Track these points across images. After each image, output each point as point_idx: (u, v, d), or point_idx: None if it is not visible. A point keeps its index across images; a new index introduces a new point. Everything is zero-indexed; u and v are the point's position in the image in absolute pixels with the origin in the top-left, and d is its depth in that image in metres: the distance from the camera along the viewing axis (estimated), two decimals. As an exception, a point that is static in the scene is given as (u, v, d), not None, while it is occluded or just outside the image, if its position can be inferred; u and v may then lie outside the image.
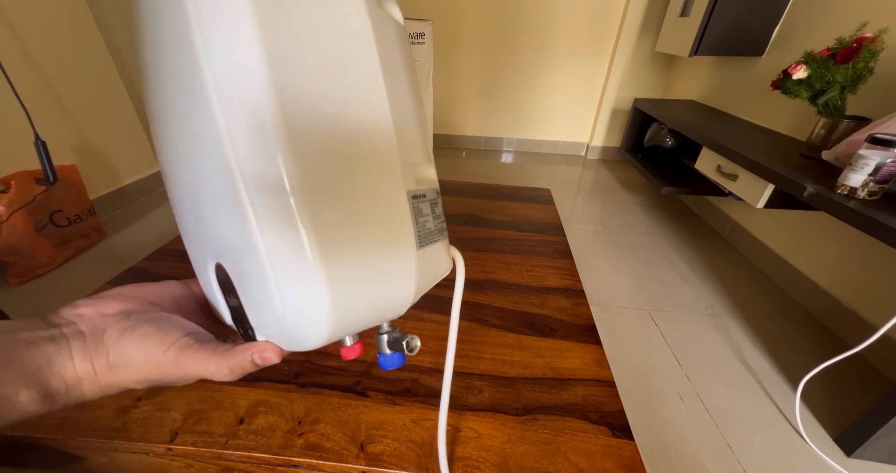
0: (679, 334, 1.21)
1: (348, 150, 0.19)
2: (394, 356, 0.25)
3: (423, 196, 0.23)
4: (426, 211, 0.23)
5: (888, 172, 0.81)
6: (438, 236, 0.24)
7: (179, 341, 0.21)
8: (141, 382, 0.21)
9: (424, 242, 0.22)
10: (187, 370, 0.21)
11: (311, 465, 0.31)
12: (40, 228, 1.34)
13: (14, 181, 1.26)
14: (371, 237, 0.20)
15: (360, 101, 0.19)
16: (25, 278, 1.32)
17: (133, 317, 0.22)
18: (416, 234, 0.22)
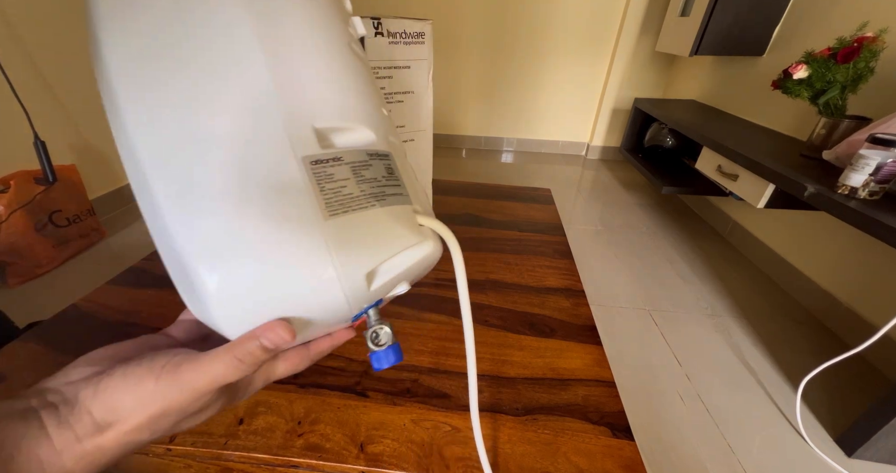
0: (679, 334, 1.21)
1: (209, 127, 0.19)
2: (381, 353, 0.24)
3: (338, 159, 0.20)
4: (341, 176, 0.20)
5: (889, 171, 0.81)
6: (372, 201, 0.21)
7: (170, 362, 0.19)
8: (142, 429, 0.18)
9: (339, 209, 0.20)
10: (194, 386, 0.18)
11: (310, 465, 0.31)
12: (40, 228, 1.34)
13: (13, 181, 1.26)
14: (247, 211, 0.18)
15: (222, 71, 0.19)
16: (25, 278, 1.32)
17: (105, 372, 0.19)
18: (323, 201, 0.19)
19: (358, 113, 0.23)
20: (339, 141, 0.21)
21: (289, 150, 0.19)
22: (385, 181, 0.22)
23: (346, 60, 0.23)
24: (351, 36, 0.24)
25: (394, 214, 0.21)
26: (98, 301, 0.47)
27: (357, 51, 0.25)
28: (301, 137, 0.20)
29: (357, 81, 0.23)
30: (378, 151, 0.22)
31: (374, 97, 0.25)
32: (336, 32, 0.23)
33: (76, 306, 0.46)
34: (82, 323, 0.44)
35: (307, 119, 0.20)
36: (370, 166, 0.21)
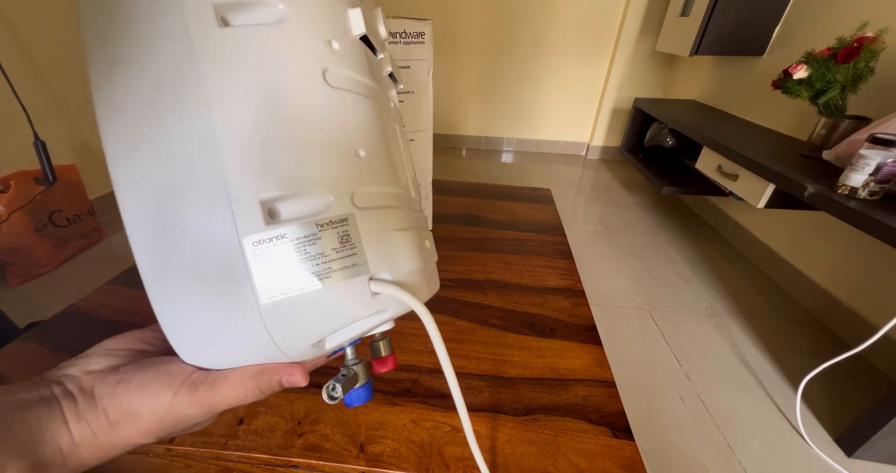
0: (679, 334, 1.21)
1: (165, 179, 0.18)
2: (354, 392, 0.24)
3: (281, 237, 0.18)
4: (283, 255, 0.19)
5: (889, 171, 0.81)
6: (314, 280, 0.19)
7: (189, 378, 0.19)
8: (152, 433, 0.19)
9: (276, 294, 0.19)
10: (210, 405, 0.19)
11: (310, 465, 0.31)
12: (39, 228, 1.34)
13: (13, 181, 1.26)
14: (191, 290, 0.19)
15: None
16: (25, 278, 1.32)
17: (122, 370, 0.20)
18: (259, 285, 0.19)
19: (316, 170, 0.20)
20: (289, 211, 0.19)
21: (232, 227, 0.18)
22: (335, 254, 0.20)
23: (309, 101, 0.20)
24: (332, 57, 0.21)
25: (339, 289, 0.20)
26: (98, 301, 0.47)
27: (337, 77, 0.21)
28: (250, 208, 0.18)
29: (322, 125, 0.20)
30: (332, 220, 0.20)
31: (350, 138, 0.21)
32: (301, 62, 0.20)
33: (76, 306, 0.46)
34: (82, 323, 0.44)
35: (253, 189, 0.18)
36: (318, 240, 0.19)
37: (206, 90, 0.18)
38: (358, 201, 0.21)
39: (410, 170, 0.30)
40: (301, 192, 0.19)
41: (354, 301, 0.21)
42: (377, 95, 0.24)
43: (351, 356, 0.25)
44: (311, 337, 0.21)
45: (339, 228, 0.20)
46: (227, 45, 0.18)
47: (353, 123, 0.22)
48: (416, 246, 0.24)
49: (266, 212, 0.18)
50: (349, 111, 0.21)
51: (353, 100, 0.22)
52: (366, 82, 0.23)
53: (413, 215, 0.26)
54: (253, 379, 0.20)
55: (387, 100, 0.27)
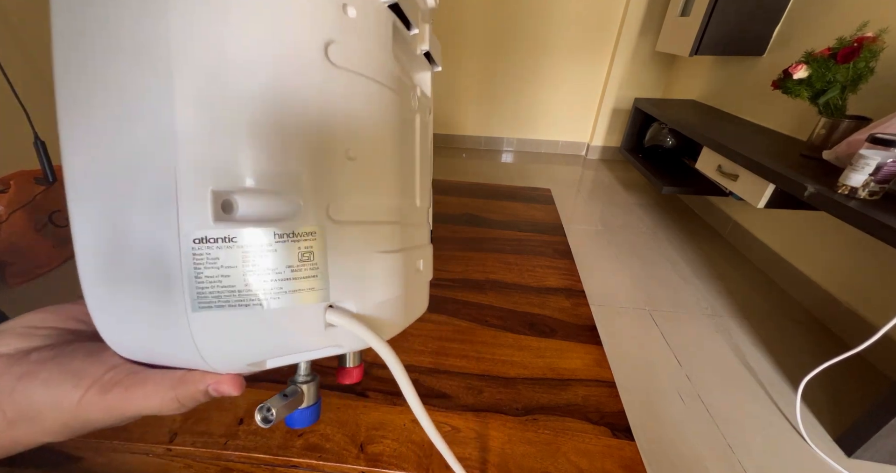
0: (679, 334, 1.21)
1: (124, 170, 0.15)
2: (297, 413, 0.21)
3: (230, 240, 0.16)
4: (227, 262, 0.16)
5: (889, 171, 0.81)
6: (256, 298, 0.16)
7: (102, 379, 0.17)
8: (57, 434, 0.17)
9: (213, 302, 0.16)
10: (121, 412, 0.17)
11: (310, 466, 0.31)
12: (40, 227, 1.34)
13: (13, 181, 1.26)
14: (126, 281, 0.16)
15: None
16: (25, 278, 1.32)
17: (34, 356, 0.17)
18: (194, 289, 0.16)
19: (288, 167, 0.16)
20: (247, 209, 0.16)
21: (174, 220, 0.15)
22: (289, 272, 0.16)
23: (297, 79, 0.16)
24: (342, 26, 0.17)
25: (286, 315, 0.17)
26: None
27: (344, 54, 0.17)
28: (194, 200, 0.15)
29: (307, 112, 0.16)
30: (295, 232, 0.16)
31: (341, 134, 0.17)
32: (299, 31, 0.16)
33: (76, 306, 0.46)
34: (82, 323, 0.44)
35: (206, 175, 0.15)
36: (273, 252, 0.16)
37: (170, 47, 0.14)
38: (335, 212, 0.17)
39: (427, 174, 0.26)
40: (265, 189, 0.16)
41: (302, 331, 0.18)
42: (396, 81, 0.20)
43: (304, 371, 0.22)
44: (245, 358, 0.18)
45: (302, 242, 0.17)
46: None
47: (350, 116, 0.18)
48: (400, 272, 0.21)
49: (219, 205, 0.15)
50: (348, 100, 0.17)
51: (359, 86, 0.18)
52: (383, 65, 0.19)
53: (410, 233, 0.23)
54: (172, 390, 0.17)
55: (410, 87, 0.22)
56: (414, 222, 0.24)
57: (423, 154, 0.25)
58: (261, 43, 0.15)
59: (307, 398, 0.22)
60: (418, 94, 0.24)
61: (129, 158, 0.15)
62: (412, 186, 0.23)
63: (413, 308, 0.23)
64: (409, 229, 0.22)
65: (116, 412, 0.17)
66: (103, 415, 0.17)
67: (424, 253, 0.26)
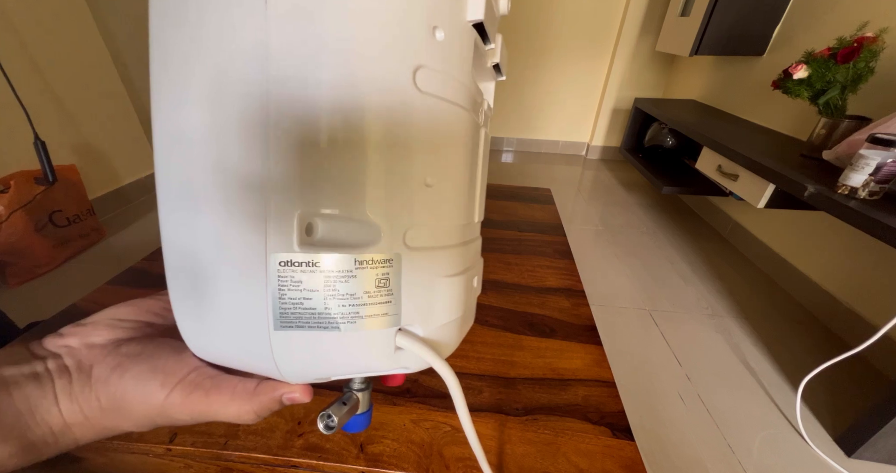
0: (679, 334, 1.21)
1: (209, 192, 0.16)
2: (353, 420, 0.22)
3: (313, 265, 0.16)
4: (309, 285, 0.16)
5: (889, 171, 0.81)
6: (335, 321, 0.17)
7: (185, 379, 0.18)
8: (142, 426, 0.18)
9: (294, 322, 0.17)
10: (202, 413, 0.18)
11: (310, 466, 0.31)
12: (40, 228, 1.34)
13: (13, 181, 1.26)
14: (220, 292, 0.17)
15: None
16: (25, 278, 1.32)
17: (124, 349, 0.19)
18: (277, 309, 0.16)
19: (372, 195, 0.16)
20: (329, 234, 0.16)
21: (262, 242, 0.16)
22: (367, 298, 0.17)
23: (383, 109, 0.16)
24: (431, 50, 0.16)
25: (360, 338, 0.18)
26: (98, 301, 0.47)
27: (431, 79, 0.16)
28: (286, 222, 0.16)
29: (392, 142, 0.16)
30: (374, 259, 0.17)
31: (422, 162, 0.17)
32: (382, 72, 0.15)
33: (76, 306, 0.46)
34: (82, 323, 0.44)
35: (295, 200, 0.16)
36: (353, 278, 0.16)
37: (270, 75, 0.14)
38: (411, 239, 0.17)
39: (483, 185, 0.26)
40: (349, 216, 0.16)
41: (374, 354, 0.19)
42: (472, 101, 0.19)
43: (359, 379, 0.22)
44: (317, 373, 0.19)
45: (381, 269, 0.17)
46: (300, 17, 0.14)
47: (431, 143, 0.17)
48: (462, 294, 0.21)
49: (303, 229, 0.16)
50: (431, 126, 0.17)
51: (441, 111, 0.17)
52: (463, 86, 0.18)
53: (470, 253, 0.23)
54: (249, 401, 0.18)
55: (480, 103, 0.21)
56: (471, 239, 0.23)
57: (483, 167, 0.25)
58: (351, 67, 0.15)
59: (362, 404, 0.22)
60: (485, 108, 0.23)
61: (222, 174, 0.16)
62: (474, 203, 0.23)
63: (466, 325, 0.24)
64: (469, 249, 0.22)
65: (197, 412, 0.18)
66: (184, 415, 0.18)
67: (479, 268, 0.25)
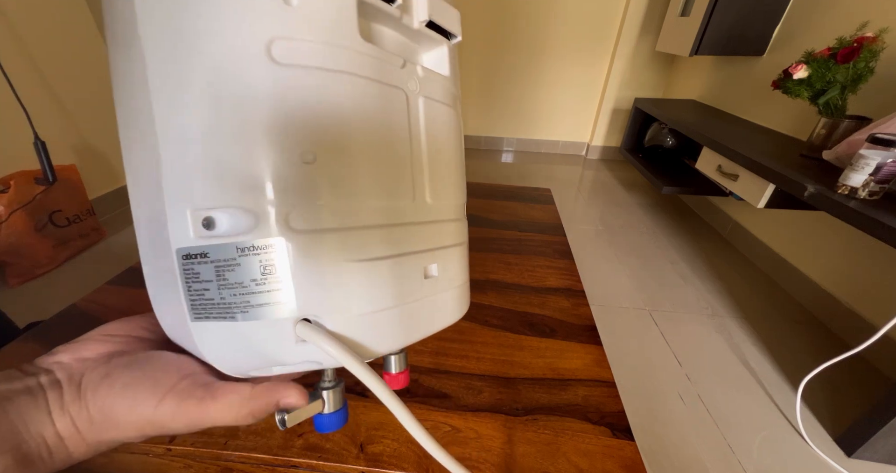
0: (679, 334, 1.21)
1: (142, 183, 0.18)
2: (325, 418, 0.21)
3: (204, 256, 0.16)
4: (205, 276, 0.16)
5: (889, 171, 0.81)
6: (232, 311, 0.17)
7: (176, 387, 0.18)
8: (133, 437, 0.18)
9: (203, 313, 0.17)
10: (195, 421, 0.18)
11: (310, 466, 0.31)
12: (40, 228, 1.34)
13: (13, 181, 1.26)
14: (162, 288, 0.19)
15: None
16: (25, 278, 1.32)
17: (114, 361, 0.18)
18: (189, 302, 0.17)
19: (243, 181, 0.16)
20: (222, 225, 0.16)
21: (168, 237, 0.17)
22: (254, 286, 0.16)
23: (242, 88, 0.15)
24: (283, 20, 0.15)
25: (253, 329, 0.17)
26: (98, 301, 0.47)
27: (291, 50, 0.16)
28: (179, 219, 0.16)
29: (253, 119, 0.16)
30: (254, 245, 0.16)
31: (292, 137, 0.16)
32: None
33: (76, 306, 0.46)
34: (82, 323, 0.44)
35: (187, 194, 0.16)
36: (237, 266, 0.16)
37: (148, 75, 0.15)
38: (297, 222, 0.16)
39: (449, 165, 0.23)
40: (228, 204, 0.16)
41: (272, 346, 0.18)
42: (368, 66, 0.18)
43: (328, 376, 0.21)
44: (240, 366, 0.19)
45: (262, 255, 0.16)
46: (165, 14, 0.15)
47: (303, 117, 0.16)
48: (389, 282, 0.19)
49: (200, 222, 0.16)
50: (301, 99, 0.16)
51: (313, 80, 0.16)
52: (344, 52, 0.17)
53: (410, 236, 0.20)
54: (246, 405, 0.18)
55: (396, 68, 0.19)
56: (419, 222, 0.21)
57: (434, 142, 0.22)
58: (202, 47, 0.15)
59: (329, 403, 0.21)
60: (419, 73, 0.21)
61: (147, 179, 0.17)
62: (407, 181, 0.20)
63: (424, 319, 0.22)
64: (409, 232, 0.20)
65: (191, 419, 0.17)
66: (177, 424, 0.17)
67: (444, 256, 0.23)
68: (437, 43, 0.23)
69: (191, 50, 0.15)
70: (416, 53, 0.23)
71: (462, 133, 0.26)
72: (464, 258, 0.25)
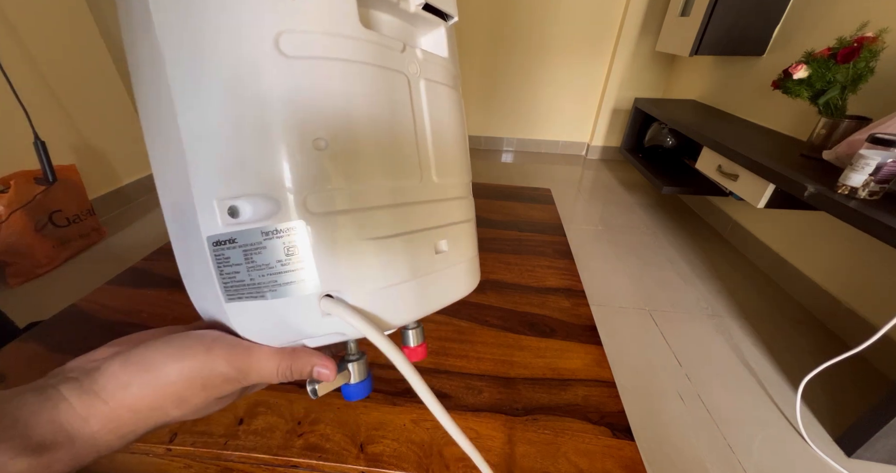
0: (679, 334, 1.21)
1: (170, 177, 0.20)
2: (353, 387, 0.23)
3: (232, 242, 0.18)
4: (235, 260, 0.18)
5: (889, 171, 0.81)
6: (262, 290, 0.18)
7: (220, 338, 0.19)
8: (177, 398, 0.18)
9: (235, 294, 0.19)
10: (244, 369, 0.19)
11: (310, 466, 0.31)
12: (40, 228, 1.34)
13: (13, 181, 1.26)
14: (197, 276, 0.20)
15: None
16: (25, 278, 1.32)
17: (143, 344, 0.19)
18: (222, 285, 0.19)
19: (261, 168, 0.17)
20: (246, 212, 0.18)
21: (198, 225, 0.18)
22: (280, 267, 0.18)
23: (254, 83, 0.16)
24: (287, 14, 0.16)
25: (282, 305, 0.18)
26: (98, 301, 0.47)
27: (298, 43, 0.16)
28: (207, 210, 0.18)
29: (266, 110, 0.17)
30: (277, 229, 0.17)
31: (304, 125, 0.17)
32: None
33: (76, 306, 0.46)
34: (82, 323, 0.44)
35: (213, 186, 0.18)
36: (263, 249, 0.18)
37: (168, 76, 0.17)
38: (314, 205, 0.18)
39: (454, 144, 0.24)
40: (250, 192, 0.17)
41: (301, 320, 0.19)
42: (371, 53, 0.19)
43: (352, 349, 0.23)
44: (273, 339, 0.20)
45: (285, 237, 0.18)
46: (177, 20, 0.16)
47: (314, 106, 0.17)
48: (402, 257, 0.20)
49: (226, 211, 0.18)
50: (311, 89, 0.17)
51: (321, 71, 0.17)
52: (347, 40, 0.18)
53: (419, 213, 0.21)
54: (286, 359, 0.20)
55: (396, 53, 0.20)
56: (429, 200, 0.22)
57: (437, 123, 0.22)
58: (216, 46, 0.16)
59: (355, 374, 0.23)
60: (419, 56, 0.21)
61: (174, 173, 0.19)
62: (413, 162, 0.21)
63: (437, 292, 0.23)
64: (418, 210, 0.21)
65: (240, 365, 0.19)
66: (229, 368, 0.18)
67: (453, 232, 0.24)
68: (435, 25, 0.23)
69: (205, 50, 0.16)
70: (415, 37, 0.24)
71: (464, 113, 0.26)
72: (472, 234, 0.26)
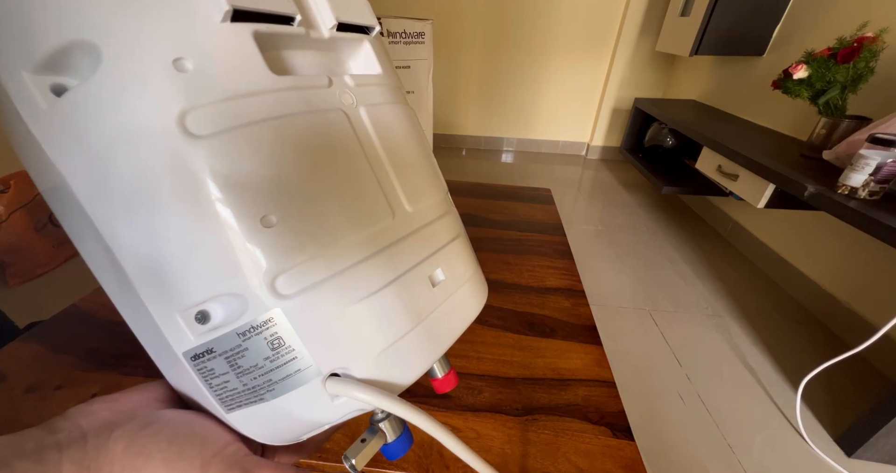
0: (679, 334, 1.21)
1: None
2: (393, 445, 0.21)
3: (211, 352, 0.16)
4: (220, 370, 0.16)
5: (889, 171, 0.81)
6: (259, 394, 0.16)
7: (223, 452, 0.16)
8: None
9: (233, 404, 0.17)
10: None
11: (310, 465, 0.31)
12: (39, 228, 1.34)
13: (13, 181, 1.26)
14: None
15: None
16: (25, 278, 1.32)
17: (150, 427, 0.17)
18: (216, 397, 0.17)
19: (214, 269, 0.15)
20: (217, 314, 0.16)
21: (168, 343, 0.16)
22: (270, 364, 0.16)
23: (169, 175, 0.14)
24: (188, 88, 0.14)
25: (287, 402, 0.17)
26: (98, 301, 0.47)
27: (206, 118, 0.14)
28: (171, 325, 0.16)
29: (193, 201, 0.14)
30: (252, 326, 0.15)
31: (245, 205, 0.15)
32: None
33: (76, 306, 0.46)
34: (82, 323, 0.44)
35: (167, 300, 0.16)
36: (246, 351, 0.16)
37: (78, 197, 0.15)
38: (284, 286, 0.15)
39: (415, 163, 0.22)
40: (212, 295, 0.15)
41: (312, 410, 0.17)
42: (294, 102, 0.16)
43: (379, 410, 0.21)
44: (288, 437, 0.19)
45: (264, 332, 0.16)
46: (58, 127, 0.14)
47: (245, 182, 0.15)
48: (397, 307, 0.18)
49: (193, 319, 0.16)
50: (235, 163, 0.15)
51: (241, 139, 0.15)
52: (262, 96, 0.15)
53: (403, 251, 0.19)
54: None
55: (320, 89, 0.18)
56: (409, 233, 0.20)
57: (393, 148, 0.20)
58: (116, 147, 0.14)
59: (389, 433, 0.21)
60: (349, 84, 0.19)
61: (122, 290, 0.18)
62: (381, 201, 0.19)
63: (447, 327, 0.21)
64: (401, 248, 0.19)
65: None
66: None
67: (445, 255, 0.22)
68: (357, 42, 0.21)
69: (105, 156, 0.14)
70: (341, 62, 0.21)
71: (417, 122, 0.24)
72: (466, 249, 0.25)
